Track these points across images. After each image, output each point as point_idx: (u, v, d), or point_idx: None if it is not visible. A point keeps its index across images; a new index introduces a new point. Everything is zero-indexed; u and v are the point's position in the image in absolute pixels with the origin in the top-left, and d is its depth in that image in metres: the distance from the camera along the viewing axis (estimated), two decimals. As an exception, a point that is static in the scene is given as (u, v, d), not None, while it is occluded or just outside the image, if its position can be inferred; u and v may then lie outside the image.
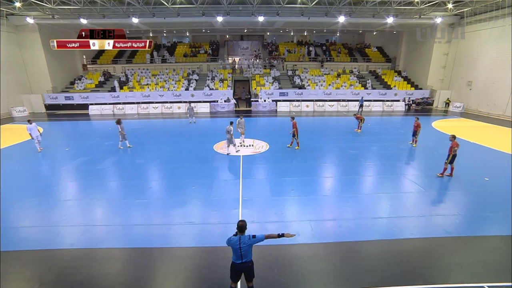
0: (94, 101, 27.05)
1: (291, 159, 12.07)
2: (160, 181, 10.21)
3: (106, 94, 27.43)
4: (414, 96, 28.04)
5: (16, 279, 5.51)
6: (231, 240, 4.58)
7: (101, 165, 11.64)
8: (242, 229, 4.57)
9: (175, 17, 23.93)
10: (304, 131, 17.85)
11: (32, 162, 12.22)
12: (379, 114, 25.10)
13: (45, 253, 6.13)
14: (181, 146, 14.34)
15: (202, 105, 26.68)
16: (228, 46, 36.66)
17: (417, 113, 24.17)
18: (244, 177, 10.01)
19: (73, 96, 27.17)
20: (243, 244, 4.52)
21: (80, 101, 27.11)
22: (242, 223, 4.58)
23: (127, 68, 32.40)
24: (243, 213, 7.60)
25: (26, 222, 7.40)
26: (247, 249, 4.55)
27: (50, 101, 27.04)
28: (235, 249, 4.54)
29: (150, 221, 7.34)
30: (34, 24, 24.53)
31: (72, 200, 8.63)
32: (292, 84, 29.91)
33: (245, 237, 4.57)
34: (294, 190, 8.95)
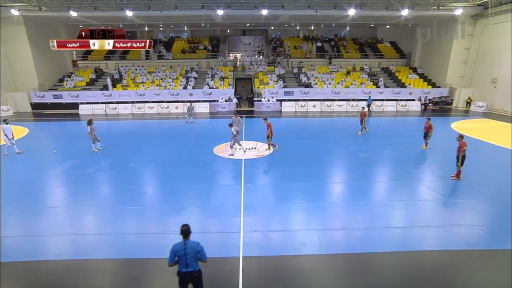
0: (84, 100, 27.27)
1: (296, 163, 12.06)
2: (156, 186, 10.24)
3: (98, 92, 27.65)
4: (431, 95, 27.97)
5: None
6: (175, 246, 4.54)
7: (91, 169, 11.70)
8: (186, 234, 4.54)
9: (173, 10, 24.16)
10: (310, 132, 17.87)
11: (17, 166, 12.31)
12: (392, 114, 25.06)
13: (29, 265, 6.13)
14: (179, 149, 14.38)
15: (201, 104, 26.81)
16: (229, 42, 36.87)
17: (434, 114, 24.10)
18: (246, 182, 10.02)
19: (62, 95, 27.40)
20: (188, 249, 4.48)
21: (70, 100, 27.33)
22: (186, 227, 4.56)
23: (120, 64, 32.68)
24: (245, 221, 7.60)
25: (9, 231, 7.37)
26: (193, 256, 4.52)
27: (37, 99, 27.27)
28: (180, 256, 4.50)
29: (144, 229, 7.35)
30: (19, 17, 24.72)
31: (60, 207, 8.65)
32: (298, 83, 29.99)
33: (190, 242, 4.55)
34: (300, 197, 8.94)
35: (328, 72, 31.20)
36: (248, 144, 14.85)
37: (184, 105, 26.69)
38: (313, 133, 17.57)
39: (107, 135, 17.47)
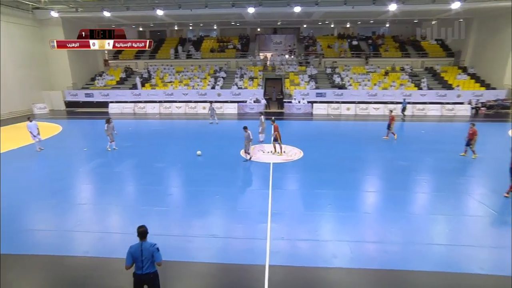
0: (114, 98, 28.77)
1: (327, 169, 11.84)
2: (181, 187, 10.53)
3: (127, 91, 29.06)
4: (484, 98, 26.21)
5: (27, 285, 5.95)
6: (131, 248, 4.69)
7: (119, 167, 12.30)
8: (143, 235, 4.71)
9: (203, 8, 24.84)
10: (343, 137, 17.46)
11: (50, 162, 13.23)
12: (437, 119, 23.81)
13: (58, 259, 6.54)
14: (205, 150, 14.67)
15: (229, 105, 27.22)
16: (260, 41, 37.17)
17: (488, 119, 22.57)
18: (274, 188, 10.00)
19: (93, 93, 29.15)
20: (144, 250, 4.63)
21: (100, 98, 28.97)
22: (143, 228, 4.74)
23: (149, 64, 34.10)
24: (272, 228, 7.57)
25: (40, 225, 7.97)
26: (149, 257, 4.65)
27: (70, 98, 29.26)
28: (136, 258, 4.65)
29: (168, 231, 7.57)
30: (58, 18, 26.75)
31: (87, 204, 9.18)
32: (331, 84, 29.51)
33: (146, 244, 4.69)
34: (331, 205, 8.76)
35: (364, 73, 30.39)
36: (277, 148, 14.79)
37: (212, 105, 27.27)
38: (346, 138, 17.16)
39: (135, 135, 18.30)
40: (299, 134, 18.43)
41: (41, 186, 10.58)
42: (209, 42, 36.50)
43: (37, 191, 10.10)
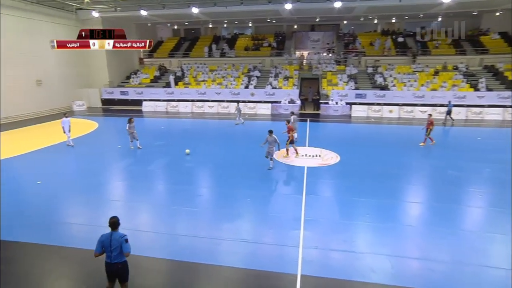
0: (148, 97, 30.11)
1: (366, 175, 11.46)
2: (212, 188, 10.73)
3: (161, 90, 30.26)
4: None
5: (65, 276, 6.37)
6: (102, 237, 5.03)
7: (151, 166, 12.80)
8: (113, 226, 5.04)
9: (238, 5, 25.22)
10: (385, 141, 16.80)
11: (86, 158, 14.10)
12: (497, 124, 22.12)
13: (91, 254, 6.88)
14: (237, 151, 14.86)
15: (262, 105, 27.36)
16: (296, 38, 36.96)
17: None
18: (308, 193, 9.87)
19: (128, 91, 30.72)
20: (113, 240, 4.95)
21: (135, 96, 30.46)
22: (114, 219, 5.07)
23: (183, 62, 35.24)
24: (305, 235, 7.45)
25: (76, 219, 8.55)
26: (117, 248, 4.96)
27: (107, 95, 31.09)
28: (106, 247, 4.98)
29: (197, 232, 7.72)
30: (99, 18, 28.57)
31: (120, 201, 9.70)
32: (372, 84, 28.56)
33: (116, 234, 5.01)
34: (370, 215, 8.45)
35: (410, 72, 29.03)
36: (311, 151, 14.63)
37: (244, 105, 27.55)
38: (388, 142, 16.49)
39: (167, 133, 18.98)
40: (336, 137, 18.05)
41: (78, 181, 11.32)
42: (243, 40, 36.95)
43: (73, 186, 10.83)
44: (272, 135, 11.82)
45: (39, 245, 7.21)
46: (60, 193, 10.20)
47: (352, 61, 31.74)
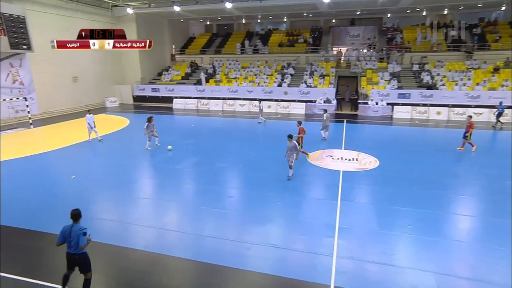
0: (179, 94, 31.01)
1: (408, 182, 11.03)
2: (241, 190, 10.84)
3: (191, 87, 31.04)
4: None
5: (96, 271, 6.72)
6: (64, 227, 5.50)
7: (180, 165, 13.16)
8: (74, 217, 5.50)
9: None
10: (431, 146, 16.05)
11: (117, 154, 14.79)
12: None
13: (121, 250, 7.25)
14: (268, 152, 14.88)
15: (296, 105, 27.20)
16: (334, 33, 36.35)
17: None
18: (343, 199, 9.68)
19: (159, 88, 31.84)
20: (73, 232, 5.40)
21: (166, 93, 31.49)
22: (75, 211, 5.54)
23: (215, 59, 35.90)
24: (340, 244, 7.30)
25: (106, 215, 9.02)
26: (76, 239, 5.39)
27: (138, 92, 32.45)
28: (66, 237, 5.45)
29: (225, 235, 7.83)
30: (133, 14, 29.92)
31: (149, 199, 10.10)
32: (418, 83, 27.40)
33: (76, 226, 5.46)
34: (412, 226, 8.10)
35: (465, 70, 27.40)
36: (348, 154, 14.33)
37: (277, 104, 27.55)
38: (434, 147, 15.72)
39: (197, 132, 19.42)
40: (375, 140, 17.52)
41: (108, 176, 11.93)
42: (277, 36, 36.94)
43: (104, 182, 11.45)
44: (292, 141, 11.14)
45: None
46: (92, 188, 10.80)
47: (396, 58, 30.63)
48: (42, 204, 9.50)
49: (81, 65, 27.92)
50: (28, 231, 7.98)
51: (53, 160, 14.19)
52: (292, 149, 11.17)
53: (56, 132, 19.71)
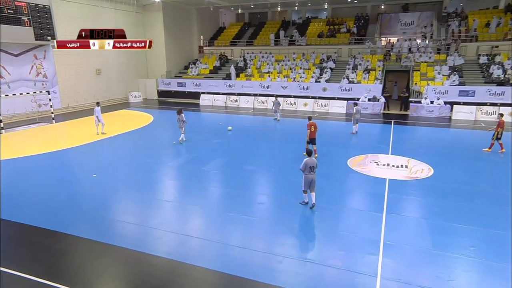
0: (206, 89, 31.63)
1: (471, 195, 10.53)
2: (274, 196, 10.86)
3: (220, 82, 31.55)
4: None
5: (115, 277, 7.02)
6: None
7: (207, 166, 13.43)
8: None
9: (314, -16, 25.12)
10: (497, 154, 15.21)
11: (140, 153, 15.34)
12: None
13: (143, 257, 7.50)
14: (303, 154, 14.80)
15: (336, 103, 26.85)
16: (382, 22, 35.47)
17: None
18: (389, 211, 9.43)
19: (186, 83, 32.65)
20: None
21: (192, 88, 32.24)
22: None
23: (246, 51, 36.25)
24: (385, 263, 7.10)
25: (128, 217, 9.37)
26: None
27: (163, 87, 33.46)
28: None
29: (254, 245, 7.87)
30: (159, 3, 30.98)
31: (173, 202, 10.37)
32: (486, 78, 26.06)
33: None
34: (475, 248, 7.71)
35: (545, 62, 25.66)
36: (396, 160, 13.93)
37: (315, 102, 27.31)
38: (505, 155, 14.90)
39: (225, 131, 19.68)
40: (429, 145, 16.89)
41: (131, 177, 12.41)
42: (317, 25, 36.67)
43: (126, 182, 11.94)
44: (312, 158, 9.64)
45: (90, 241, 8.05)
46: (114, 188, 11.31)
47: (458, 49, 29.31)
48: (63, 203, 10.05)
49: (105, 56, 29.23)
50: (48, 231, 8.48)
51: (75, 157, 15.00)
52: (306, 166, 9.41)
53: (78, 127, 20.78)
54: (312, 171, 9.49)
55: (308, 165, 9.41)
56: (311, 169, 9.45)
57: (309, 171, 9.43)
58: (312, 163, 9.49)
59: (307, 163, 9.42)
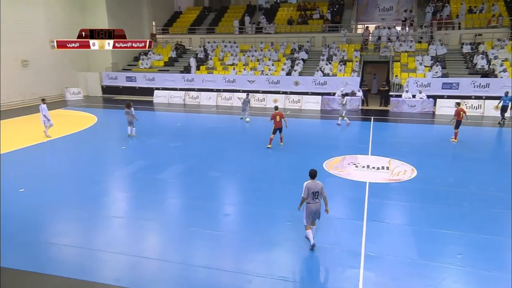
0: (161, 84, 31.22)
1: (457, 199, 10.99)
2: (241, 206, 10.86)
3: (177, 76, 31.26)
4: None
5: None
6: None
7: (164, 174, 13.19)
8: None
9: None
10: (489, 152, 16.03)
11: (82, 160, 14.84)
12: None
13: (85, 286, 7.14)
14: (276, 158, 14.92)
15: (309, 98, 27.32)
16: (359, 7, 36.45)
17: None
18: (370, 219, 9.66)
19: (136, 77, 32.06)
20: None
21: (144, 83, 31.70)
22: None
23: (207, 40, 36.06)
24: (366, 277, 7.27)
25: (67, 239, 8.86)
26: None
27: (109, 81, 32.65)
28: None
29: (221, 264, 7.82)
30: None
31: (123, 218, 10.07)
32: (470, 69, 27.41)
33: None
34: (463, 256, 8.06)
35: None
36: (376, 162, 14.34)
37: (286, 98, 27.54)
38: (492, 153, 15.72)
39: (184, 132, 19.47)
40: (412, 143, 17.52)
41: (70, 190, 11.89)
42: (286, 11, 37.15)
43: (64, 196, 11.35)
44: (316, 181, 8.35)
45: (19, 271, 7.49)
46: (47, 204, 10.67)
47: (440, 37, 30.64)
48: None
49: (32, 44, 27.56)
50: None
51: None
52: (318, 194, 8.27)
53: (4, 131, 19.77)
54: (316, 198, 8.26)
55: (310, 190, 8.18)
56: (314, 195, 8.20)
57: (312, 198, 8.21)
58: (317, 188, 8.19)
59: (310, 187, 8.18)
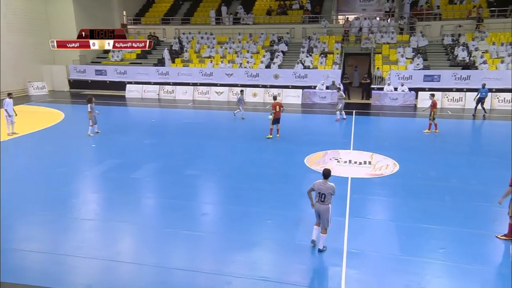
0: (133, 78, 30.75)
1: (440, 192, 11.25)
2: (220, 205, 10.87)
3: (151, 69, 30.87)
4: None
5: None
6: None
7: (137, 173, 13.05)
8: None
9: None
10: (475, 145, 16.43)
11: (48, 160, 14.51)
12: None
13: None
14: (256, 155, 14.95)
15: (290, 92, 27.46)
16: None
17: None
18: (352, 215, 9.80)
19: (106, 70, 31.48)
20: None
21: (115, 77, 31.17)
22: None
23: (182, 31, 35.71)
24: (349, 275, 7.38)
25: (32, 244, 8.61)
26: None
27: (76, 75, 31.96)
28: None
29: (199, 265, 7.81)
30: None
31: (94, 221, 9.93)
32: (451, 61, 28.00)
33: None
34: (445, 250, 8.27)
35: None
36: (358, 156, 14.53)
37: (265, 91, 27.56)
38: (474, 146, 16.15)
39: (159, 128, 19.28)
40: (394, 137, 17.85)
41: (36, 192, 11.59)
42: (265, 1, 37.09)
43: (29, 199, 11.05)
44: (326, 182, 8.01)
45: None
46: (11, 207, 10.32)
47: (422, 28, 31.18)
48: None
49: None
50: None
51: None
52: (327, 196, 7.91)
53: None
54: (322, 200, 7.91)
55: (316, 189, 7.98)
56: (320, 196, 7.92)
57: (318, 198, 7.97)
58: (325, 189, 7.83)
59: (316, 187, 7.99)
